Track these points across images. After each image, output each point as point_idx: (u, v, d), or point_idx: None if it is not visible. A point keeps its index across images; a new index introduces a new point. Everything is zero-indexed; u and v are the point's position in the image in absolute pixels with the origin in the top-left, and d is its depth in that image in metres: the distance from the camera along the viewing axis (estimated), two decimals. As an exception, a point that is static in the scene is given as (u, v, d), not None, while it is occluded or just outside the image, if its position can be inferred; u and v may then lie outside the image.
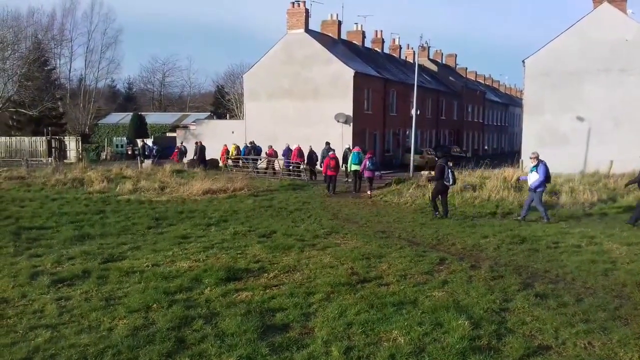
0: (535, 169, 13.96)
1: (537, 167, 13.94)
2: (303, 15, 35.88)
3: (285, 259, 9.20)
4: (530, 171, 14.24)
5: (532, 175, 14.07)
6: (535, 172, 13.94)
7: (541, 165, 13.92)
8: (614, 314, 6.50)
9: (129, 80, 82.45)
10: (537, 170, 13.89)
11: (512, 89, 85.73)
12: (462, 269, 8.57)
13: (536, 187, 13.81)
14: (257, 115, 37.28)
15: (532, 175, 14.03)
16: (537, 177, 13.82)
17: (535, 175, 13.89)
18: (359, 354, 5.32)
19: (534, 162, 14.15)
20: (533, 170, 14.06)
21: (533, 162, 14.22)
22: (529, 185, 14.23)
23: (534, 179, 13.95)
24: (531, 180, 14.05)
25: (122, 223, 12.99)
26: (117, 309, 6.63)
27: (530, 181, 14.13)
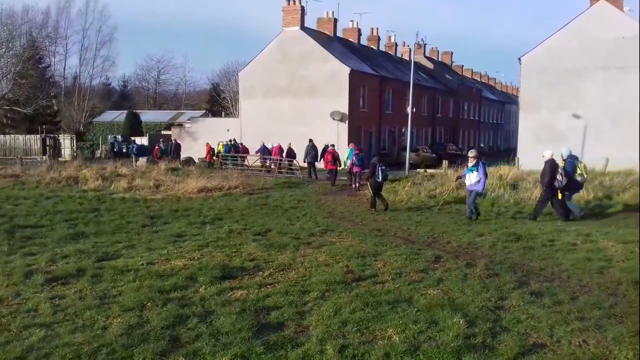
0: (476, 168, 13.64)
1: (477, 166, 13.64)
2: (299, 13, 35.87)
3: (280, 257, 9.18)
4: (469, 171, 13.86)
5: (472, 175, 13.72)
6: (475, 171, 13.62)
7: (481, 165, 13.69)
8: (609, 312, 6.51)
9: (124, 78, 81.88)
10: (477, 170, 13.59)
11: (508, 86, 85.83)
12: (458, 267, 8.57)
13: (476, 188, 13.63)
14: (253, 113, 37.25)
15: (472, 175, 13.70)
16: (477, 177, 13.56)
17: (475, 175, 13.61)
18: (354, 353, 5.31)
19: (473, 162, 13.81)
20: (473, 170, 13.70)
21: (472, 161, 13.87)
22: (466, 186, 14.03)
23: (474, 179, 13.65)
24: (471, 180, 13.75)
25: (116, 221, 12.94)
26: (111, 307, 6.59)
27: (468, 181, 13.84)
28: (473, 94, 59.50)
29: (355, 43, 43.71)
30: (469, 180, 13.86)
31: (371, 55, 44.13)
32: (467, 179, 13.92)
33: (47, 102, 46.59)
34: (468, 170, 13.95)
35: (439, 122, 49.96)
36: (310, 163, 26.55)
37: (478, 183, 13.63)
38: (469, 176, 13.83)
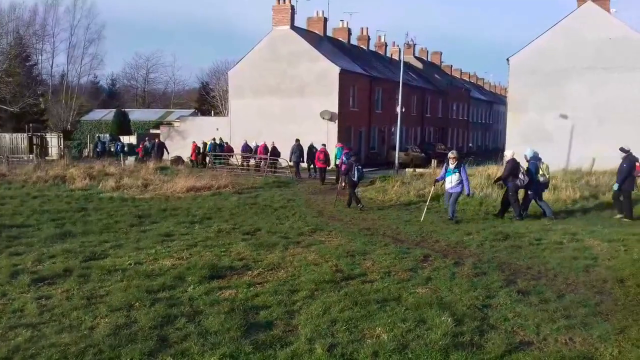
0: (457, 170, 13.15)
1: (459, 168, 13.19)
2: (289, 12, 35.83)
3: (269, 256, 9.18)
4: (451, 172, 13.27)
5: (453, 177, 13.19)
6: (457, 173, 13.13)
7: (463, 168, 13.34)
8: (594, 310, 6.57)
9: (112, 77, 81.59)
10: (459, 172, 13.13)
11: (497, 86, 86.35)
12: (446, 265, 8.62)
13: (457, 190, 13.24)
14: (242, 112, 37.16)
15: (454, 177, 13.17)
16: (458, 178, 13.09)
17: (457, 177, 13.12)
18: (343, 351, 5.32)
19: (454, 163, 13.24)
20: (455, 172, 13.17)
21: (453, 162, 13.26)
22: (446, 189, 13.51)
23: (455, 182, 13.16)
24: (452, 182, 13.22)
25: (104, 221, 12.86)
26: (98, 307, 6.55)
27: (449, 184, 13.30)
28: (462, 94, 59.78)
29: (345, 43, 43.75)
30: (450, 182, 13.31)
31: (361, 55, 44.19)
32: (448, 181, 13.35)
33: (34, 100, 46.18)
34: (449, 172, 13.33)
35: (428, 121, 50.15)
36: (296, 162, 26.87)
37: (459, 185, 13.20)
38: (450, 178, 13.28)
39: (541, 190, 14.05)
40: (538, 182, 13.78)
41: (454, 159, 13.33)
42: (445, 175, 13.45)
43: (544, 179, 13.89)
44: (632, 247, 10.01)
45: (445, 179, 13.45)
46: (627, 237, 10.89)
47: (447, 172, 13.37)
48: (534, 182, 13.71)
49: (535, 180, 13.72)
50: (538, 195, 13.95)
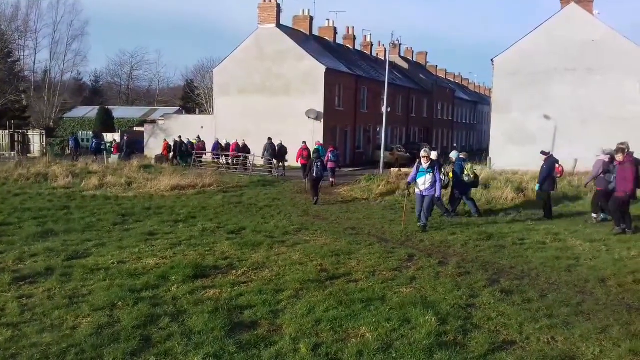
0: (431, 170, 12.04)
1: (433, 167, 12.09)
2: (274, 10, 35.72)
3: (254, 255, 9.15)
4: (423, 173, 12.10)
5: (426, 177, 12.06)
6: (431, 173, 12.03)
7: (437, 168, 12.30)
8: (576, 310, 6.64)
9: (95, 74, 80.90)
10: (433, 172, 12.06)
11: (481, 87, 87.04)
12: (430, 265, 8.66)
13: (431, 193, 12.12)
14: (228, 110, 37.00)
15: (427, 177, 12.05)
16: (432, 179, 12.02)
17: (430, 178, 12.02)
18: (327, 351, 5.32)
19: (427, 162, 12.09)
20: (429, 172, 12.04)
21: (425, 161, 12.10)
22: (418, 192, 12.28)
23: (429, 183, 12.05)
24: (426, 184, 12.08)
25: (87, 219, 12.73)
26: (81, 307, 6.48)
27: (422, 185, 12.12)
28: (447, 94, 60.12)
29: (331, 42, 43.76)
30: (423, 184, 12.11)
31: (347, 55, 44.21)
32: (420, 182, 12.14)
33: (16, 97, 45.55)
34: (421, 172, 12.12)
35: (413, 121, 50.35)
36: (268, 160, 27.85)
37: (432, 187, 12.09)
38: (423, 179, 12.09)
39: (467, 189, 14.51)
40: (463, 182, 14.25)
41: (426, 157, 12.17)
42: (417, 177, 12.24)
43: (468, 179, 14.34)
44: (614, 247, 10.15)
45: (417, 181, 12.25)
46: (609, 238, 11.03)
47: (420, 173, 12.17)
48: (459, 182, 14.27)
49: (461, 180, 14.26)
50: (465, 194, 14.47)
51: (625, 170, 11.33)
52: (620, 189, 11.48)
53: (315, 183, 17.12)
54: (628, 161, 11.38)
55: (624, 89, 28.43)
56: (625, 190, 11.31)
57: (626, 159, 11.42)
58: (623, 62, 28.40)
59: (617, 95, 28.50)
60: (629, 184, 11.28)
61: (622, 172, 11.40)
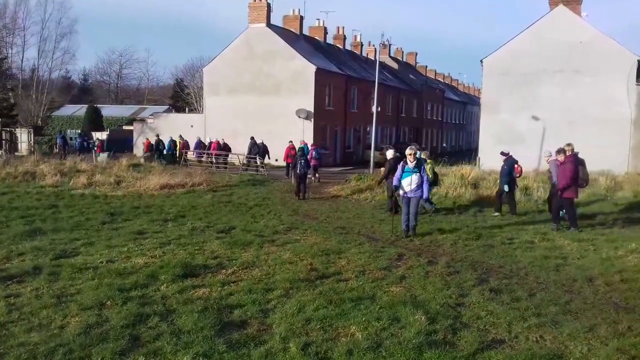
0: (417, 170, 11.14)
1: (420, 167, 11.25)
2: (265, 10, 35.64)
3: (244, 255, 9.13)
4: (409, 173, 11.14)
5: (412, 178, 11.10)
6: (417, 173, 11.13)
7: (423, 167, 11.57)
8: (564, 309, 6.70)
9: (84, 72, 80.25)
10: (420, 172, 11.18)
11: (471, 87, 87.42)
12: (420, 264, 8.70)
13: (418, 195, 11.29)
14: (218, 109, 36.88)
15: (414, 178, 11.10)
16: (418, 180, 11.16)
17: (417, 178, 11.13)
18: (317, 350, 5.32)
19: (413, 161, 11.16)
20: (415, 172, 11.11)
21: (412, 160, 11.14)
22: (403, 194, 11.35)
23: (415, 184, 11.14)
24: (412, 185, 11.15)
25: (75, 218, 12.64)
26: (69, 306, 6.44)
27: (408, 187, 11.18)
28: (436, 95, 60.33)
29: (321, 41, 43.74)
30: (409, 185, 11.18)
31: (337, 54, 44.23)
32: (406, 183, 11.19)
33: (4, 94, 45.10)
34: (407, 172, 11.17)
35: (403, 121, 50.47)
36: (252, 159, 28.87)
37: (419, 188, 11.24)
38: (409, 180, 11.14)
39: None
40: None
41: (413, 155, 11.16)
42: (402, 177, 11.28)
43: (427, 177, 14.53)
44: (601, 246, 10.24)
45: (402, 182, 11.27)
46: (596, 237, 11.14)
47: (405, 173, 11.19)
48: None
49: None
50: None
51: (567, 170, 12.01)
52: (563, 188, 12.10)
53: (300, 179, 18.06)
54: (569, 161, 12.08)
55: (611, 91, 28.70)
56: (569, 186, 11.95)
57: (567, 159, 12.13)
58: (610, 63, 28.66)
59: (605, 96, 28.76)
60: (569, 181, 11.97)
61: (564, 172, 12.10)
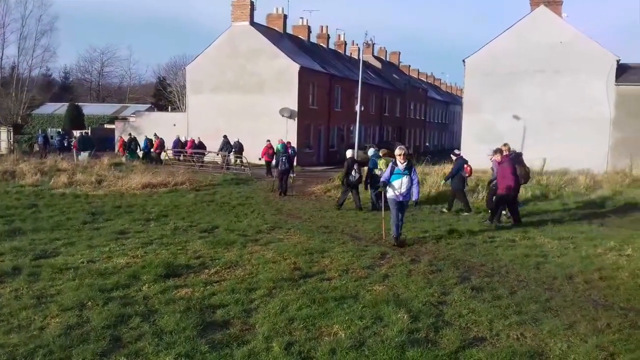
0: (408, 172, 10.16)
1: (410, 169, 10.25)
2: (248, 8, 35.52)
3: (227, 254, 9.10)
4: (400, 175, 10.14)
5: (403, 180, 10.11)
6: (408, 176, 10.15)
7: (414, 168, 10.57)
8: (545, 306, 6.78)
9: (65, 70, 78.95)
10: (411, 174, 10.21)
11: (453, 87, 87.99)
12: (403, 263, 8.74)
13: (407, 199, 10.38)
14: (201, 108, 36.68)
15: (404, 181, 10.11)
16: (408, 182, 10.14)
17: (407, 181, 10.12)
18: (300, 349, 5.32)
19: (404, 162, 10.17)
20: (405, 174, 10.13)
21: (401, 161, 10.16)
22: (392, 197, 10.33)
23: (405, 187, 10.15)
24: (402, 188, 10.15)
25: (55, 218, 12.49)
26: (49, 307, 6.36)
27: (398, 190, 10.16)
28: (419, 94, 60.64)
29: (305, 40, 43.71)
30: (399, 188, 10.15)
31: (321, 53, 44.24)
32: (396, 186, 10.18)
33: (-18, 92, 44.30)
34: (397, 174, 10.16)
35: (386, 120, 50.65)
36: (224, 156, 29.32)
37: (409, 192, 10.28)
38: (399, 182, 10.14)
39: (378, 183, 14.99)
40: (375, 176, 15.03)
41: (403, 156, 10.22)
42: (391, 179, 10.27)
43: (380, 173, 14.84)
44: (581, 244, 10.39)
45: (392, 184, 10.26)
46: (576, 235, 11.29)
47: (395, 175, 10.20)
48: (372, 176, 15.28)
49: (373, 175, 15.28)
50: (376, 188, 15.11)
51: (504, 169, 12.40)
52: (501, 187, 12.42)
53: (282, 176, 18.60)
54: (506, 160, 12.50)
55: (591, 91, 29.12)
56: (509, 185, 12.29)
57: (504, 159, 12.58)
58: (590, 64, 29.08)
59: (584, 96, 29.18)
60: (508, 181, 12.28)
61: (502, 171, 12.49)
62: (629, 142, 28.03)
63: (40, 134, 37.22)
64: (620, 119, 28.72)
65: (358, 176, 15.50)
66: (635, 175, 21.40)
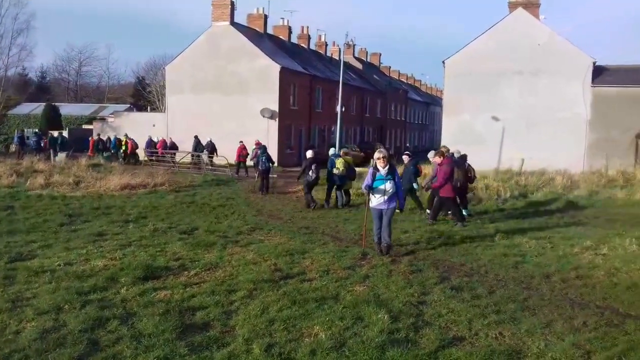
0: (391, 176, 9.33)
1: (393, 173, 9.43)
2: (228, 8, 35.34)
3: (207, 256, 9.04)
4: (383, 181, 9.31)
5: (386, 186, 9.30)
6: (391, 181, 9.33)
7: (397, 172, 9.69)
8: (522, 305, 6.86)
9: (42, 69, 77.58)
10: (394, 178, 9.40)
11: (433, 88, 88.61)
12: (383, 263, 8.77)
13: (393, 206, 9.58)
14: (180, 108, 36.39)
15: (387, 186, 9.30)
16: (392, 187, 9.35)
17: (391, 186, 9.33)
18: (280, 351, 5.31)
19: (385, 165, 9.34)
20: (388, 180, 9.31)
21: (382, 164, 9.34)
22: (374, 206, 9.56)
23: (389, 193, 9.36)
24: (385, 194, 9.34)
25: (32, 220, 12.29)
26: (24, 310, 6.25)
27: (382, 197, 9.37)
28: (400, 95, 60.94)
29: (286, 41, 43.64)
30: (382, 194, 9.34)
31: (301, 54, 44.21)
32: (380, 193, 9.34)
33: (-44, 92, 43.44)
34: (379, 179, 9.32)
35: (367, 121, 50.81)
36: (196, 156, 29.96)
37: (394, 198, 9.51)
38: (383, 188, 9.31)
39: (337, 182, 15.86)
40: (333, 176, 15.70)
41: (383, 159, 9.37)
42: (374, 185, 9.42)
43: (338, 172, 15.62)
44: (558, 244, 10.53)
45: (375, 191, 9.44)
46: (553, 235, 11.44)
47: (377, 181, 9.36)
48: (330, 175, 15.79)
49: (331, 174, 15.75)
50: (337, 187, 15.96)
51: (442, 171, 12.76)
52: (439, 187, 12.74)
53: (263, 175, 19.27)
54: (445, 163, 12.82)
55: (568, 92, 29.57)
56: (447, 186, 12.63)
57: (444, 161, 12.89)
58: (567, 65, 29.52)
59: (562, 97, 29.62)
60: (446, 183, 12.66)
61: (440, 173, 12.86)
62: (605, 142, 28.53)
63: (16, 135, 36.59)
64: (597, 120, 29.20)
65: (315, 176, 15.96)
66: (611, 175, 21.76)
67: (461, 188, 13.45)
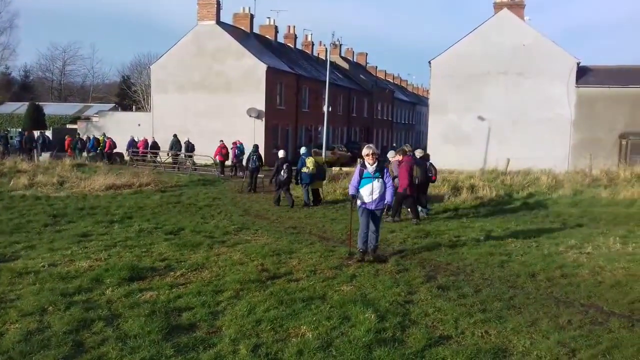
0: (379, 174, 8.86)
1: (382, 170, 8.95)
2: (214, 7, 35.21)
3: (193, 256, 8.99)
4: (370, 179, 8.82)
5: (375, 185, 8.80)
6: (380, 179, 8.85)
7: (386, 170, 9.17)
8: (508, 304, 6.90)
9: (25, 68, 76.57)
10: (383, 177, 8.91)
11: (420, 88, 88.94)
12: (370, 263, 8.77)
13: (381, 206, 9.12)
14: (166, 107, 36.18)
15: (376, 184, 8.80)
16: (381, 186, 8.85)
17: (380, 185, 8.83)
18: (267, 351, 5.29)
19: (373, 163, 8.87)
20: (377, 178, 8.82)
21: (371, 161, 8.87)
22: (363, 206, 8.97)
23: (378, 192, 8.83)
24: (373, 194, 8.83)
25: (15, 220, 12.15)
26: (8, 312, 6.17)
27: (370, 196, 8.84)
28: (386, 95, 61.12)
29: (272, 40, 43.56)
30: (370, 194, 8.84)
31: (288, 53, 44.16)
32: (367, 192, 8.84)
33: (-63, 91, 42.78)
34: (367, 178, 8.85)
35: (354, 121, 50.90)
36: (175, 155, 30.34)
37: (383, 199, 8.98)
38: (371, 188, 8.82)
39: (308, 180, 16.18)
40: (303, 174, 16.11)
41: (372, 156, 8.92)
42: (361, 185, 8.93)
43: (308, 171, 16.06)
44: (543, 243, 10.62)
45: (361, 191, 8.91)
46: (538, 234, 11.53)
47: (364, 179, 8.89)
48: (300, 174, 16.21)
49: (300, 172, 16.20)
50: (306, 185, 16.26)
51: (402, 169, 13.10)
52: (400, 185, 12.92)
53: (252, 173, 19.62)
54: (405, 161, 13.15)
55: (552, 92, 29.87)
56: (405, 184, 12.94)
57: (404, 160, 13.20)
58: (551, 66, 29.82)
59: (546, 98, 29.92)
60: (404, 180, 12.96)
61: (400, 171, 13.16)
62: (589, 142, 28.86)
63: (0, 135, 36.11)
64: (580, 120, 29.54)
65: (286, 176, 16.25)
66: (595, 174, 22.00)
67: (420, 186, 13.67)
